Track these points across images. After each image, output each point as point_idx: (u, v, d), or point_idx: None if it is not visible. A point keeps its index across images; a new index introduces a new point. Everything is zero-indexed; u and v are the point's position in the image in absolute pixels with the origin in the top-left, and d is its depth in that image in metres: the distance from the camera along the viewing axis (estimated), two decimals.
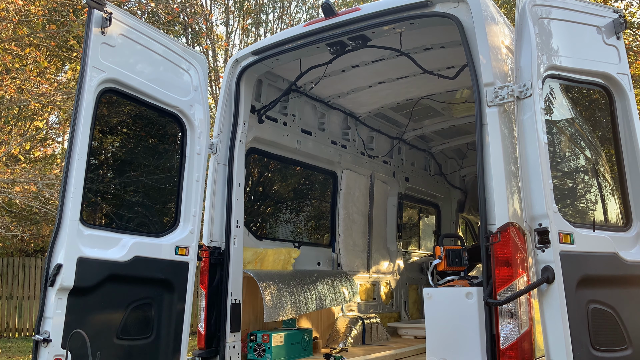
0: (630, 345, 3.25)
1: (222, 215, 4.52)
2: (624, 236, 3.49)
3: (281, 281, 4.97)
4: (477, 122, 3.34)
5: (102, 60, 3.72)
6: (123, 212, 4.80)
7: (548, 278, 2.93)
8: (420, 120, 7.00)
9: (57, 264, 3.40)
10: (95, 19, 3.67)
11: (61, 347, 3.37)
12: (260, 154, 5.42)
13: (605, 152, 3.96)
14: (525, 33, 3.23)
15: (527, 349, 3.08)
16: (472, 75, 3.39)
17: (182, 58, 4.35)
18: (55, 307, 3.37)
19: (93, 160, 4.54)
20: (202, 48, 14.97)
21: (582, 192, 3.95)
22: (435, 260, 4.25)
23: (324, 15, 4.17)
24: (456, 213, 8.57)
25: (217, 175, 4.55)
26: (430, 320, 3.65)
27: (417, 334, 6.04)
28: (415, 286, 7.27)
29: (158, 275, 4.00)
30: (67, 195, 3.50)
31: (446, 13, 3.65)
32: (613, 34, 3.60)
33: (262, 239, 5.46)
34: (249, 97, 4.79)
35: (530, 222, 3.07)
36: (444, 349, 3.50)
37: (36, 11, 10.85)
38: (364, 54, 4.95)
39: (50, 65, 12.69)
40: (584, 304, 3.09)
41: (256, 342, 4.59)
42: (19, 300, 13.40)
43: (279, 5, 16.58)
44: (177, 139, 4.49)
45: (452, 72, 4.85)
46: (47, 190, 10.31)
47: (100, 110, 3.91)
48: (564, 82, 3.52)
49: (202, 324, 4.30)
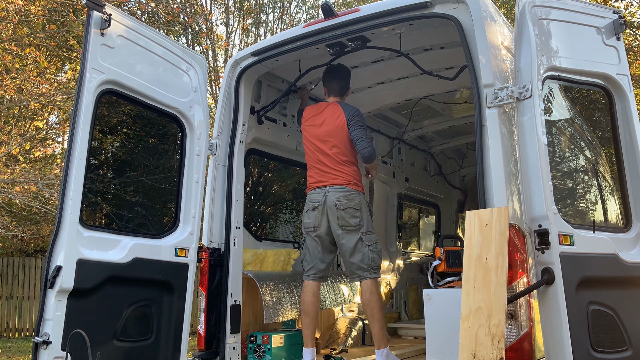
0: (630, 347, 3.25)
1: (221, 216, 4.51)
2: (624, 237, 3.49)
3: (281, 282, 4.97)
4: (476, 123, 3.34)
5: (102, 61, 3.72)
6: (122, 213, 4.80)
7: (548, 279, 2.93)
8: (420, 121, 6.99)
9: (56, 266, 3.41)
10: (95, 20, 3.67)
11: (61, 349, 3.38)
12: (260, 154, 5.42)
13: (605, 153, 3.96)
14: (525, 34, 3.23)
15: (527, 350, 3.08)
16: (472, 76, 3.39)
17: (181, 59, 4.35)
18: (55, 309, 3.38)
19: (93, 161, 4.54)
20: (202, 48, 14.97)
21: (582, 193, 3.95)
22: (435, 262, 4.25)
23: (323, 16, 4.17)
24: (456, 213, 8.57)
25: (217, 176, 4.55)
26: (430, 321, 3.65)
27: (417, 335, 6.03)
28: (415, 286, 7.27)
29: (158, 277, 4.00)
30: (67, 196, 3.50)
31: (446, 14, 3.65)
32: (613, 35, 3.60)
33: (262, 239, 5.46)
34: (249, 98, 4.79)
35: (530, 223, 3.07)
36: (444, 350, 3.50)
37: (36, 11, 10.84)
38: (364, 55, 4.95)
39: (50, 65, 12.68)
40: (584, 305, 3.09)
41: (256, 343, 4.59)
42: (19, 300, 13.41)
43: (279, 5, 16.57)
44: (177, 140, 4.49)
45: (451, 72, 4.85)
46: (47, 190, 10.31)
47: (100, 112, 3.91)
48: (564, 83, 3.52)
49: (201, 325, 4.30)
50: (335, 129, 4.50)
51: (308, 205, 4.53)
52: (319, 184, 4.50)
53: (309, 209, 4.50)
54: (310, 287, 4.50)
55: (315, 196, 4.47)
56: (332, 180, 4.43)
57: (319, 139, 4.56)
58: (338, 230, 4.38)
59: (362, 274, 4.34)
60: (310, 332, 4.41)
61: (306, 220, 4.54)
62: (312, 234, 4.51)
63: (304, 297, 4.50)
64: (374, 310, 4.27)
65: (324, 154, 4.50)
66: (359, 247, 4.34)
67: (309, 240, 4.55)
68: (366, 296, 4.31)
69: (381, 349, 4.25)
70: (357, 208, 4.37)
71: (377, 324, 4.26)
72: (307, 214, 4.52)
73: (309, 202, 4.53)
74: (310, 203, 4.50)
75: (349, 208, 4.35)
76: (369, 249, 4.35)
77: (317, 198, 4.45)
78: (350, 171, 4.46)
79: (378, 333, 4.27)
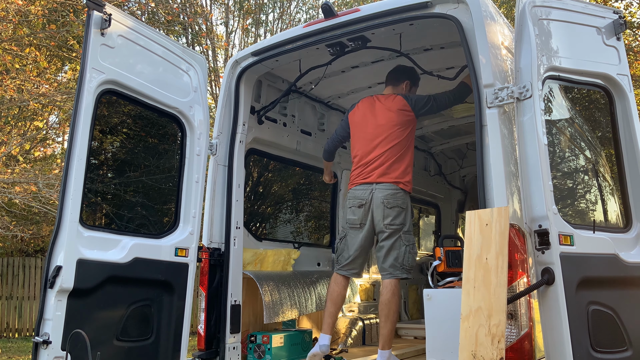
0: (630, 347, 3.26)
1: (221, 216, 4.51)
2: (624, 237, 3.49)
3: (281, 282, 4.97)
4: (477, 123, 3.34)
5: (102, 61, 3.71)
6: (122, 213, 4.80)
7: (548, 280, 2.93)
8: (420, 121, 6.98)
9: (56, 266, 3.41)
10: (95, 20, 3.67)
11: (61, 349, 3.38)
12: (260, 154, 5.42)
13: (605, 153, 3.96)
14: (525, 34, 3.23)
15: (527, 350, 3.08)
16: (472, 76, 3.39)
17: (181, 59, 4.35)
18: (55, 309, 3.37)
19: (93, 161, 4.54)
20: (202, 48, 14.96)
21: (582, 193, 3.95)
22: (435, 262, 4.24)
23: (323, 16, 4.17)
24: (456, 213, 8.56)
25: (217, 176, 4.55)
26: (430, 321, 3.65)
27: (417, 335, 6.03)
28: (415, 286, 7.27)
29: (158, 277, 4.00)
30: (67, 196, 3.50)
31: (446, 14, 3.65)
32: (613, 35, 3.60)
33: (262, 239, 5.46)
34: (249, 98, 4.79)
35: (530, 223, 3.07)
36: (444, 350, 3.50)
37: (36, 11, 10.84)
38: (364, 55, 4.95)
39: (50, 65, 12.68)
40: (584, 306, 3.09)
41: (256, 343, 4.59)
42: (19, 300, 13.40)
43: (279, 5, 16.57)
44: (177, 140, 4.49)
45: (452, 72, 4.84)
46: (47, 190, 10.31)
47: (100, 112, 3.91)
48: (564, 83, 3.52)
49: (201, 325, 4.30)
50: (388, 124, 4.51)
51: (353, 201, 4.52)
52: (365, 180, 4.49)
53: (355, 206, 4.50)
54: (341, 280, 4.55)
55: (362, 193, 4.47)
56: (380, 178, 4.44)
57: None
58: (382, 227, 4.38)
59: (394, 272, 4.36)
60: (332, 321, 4.44)
61: (351, 216, 4.53)
62: (358, 229, 4.50)
63: (334, 287, 4.53)
64: (391, 311, 4.27)
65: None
66: (396, 245, 4.36)
67: (352, 235, 4.53)
68: (387, 296, 4.31)
69: (385, 350, 4.26)
70: (404, 207, 4.41)
71: (390, 326, 4.26)
72: (352, 210, 4.52)
73: (354, 198, 4.52)
74: (357, 200, 4.49)
75: (396, 207, 4.38)
76: (406, 248, 4.37)
77: (363, 195, 4.45)
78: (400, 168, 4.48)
79: (388, 334, 4.27)
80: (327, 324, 4.44)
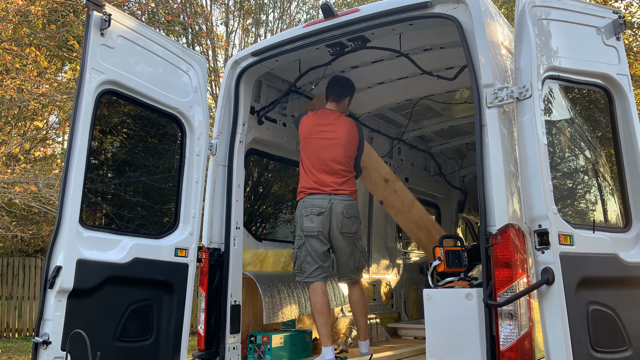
0: (630, 347, 3.25)
1: (221, 217, 4.51)
2: (624, 237, 3.49)
3: (281, 282, 4.97)
4: (476, 123, 3.34)
5: (101, 61, 3.72)
6: (122, 213, 4.80)
7: (548, 279, 2.93)
8: (420, 121, 6.99)
9: (56, 266, 3.41)
10: (94, 20, 3.67)
11: (61, 349, 3.38)
12: (259, 154, 5.42)
13: (605, 153, 3.96)
14: (525, 34, 3.23)
15: (527, 350, 3.07)
16: (472, 76, 3.39)
17: (181, 59, 4.35)
18: (55, 309, 3.38)
19: (93, 161, 4.54)
20: (202, 48, 14.96)
21: (581, 193, 3.95)
22: (435, 262, 4.24)
23: (323, 16, 4.17)
24: (456, 213, 8.56)
25: (217, 176, 4.55)
26: (430, 321, 3.65)
27: (417, 335, 6.03)
28: (415, 286, 7.27)
29: (158, 277, 4.00)
30: (67, 197, 3.50)
31: (445, 14, 3.65)
32: (613, 35, 3.60)
33: (262, 240, 5.46)
34: (249, 98, 4.79)
35: (530, 223, 3.07)
36: (444, 350, 3.50)
37: (36, 11, 10.85)
38: (364, 55, 4.95)
39: (50, 65, 12.68)
40: (584, 305, 3.09)
41: (256, 344, 4.59)
42: (19, 300, 13.41)
43: (279, 5, 16.57)
44: (177, 140, 4.49)
45: (451, 72, 4.85)
46: (47, 190, 10.31)
47: (100, 112, 3.91)
48: (564, 83, 3.52)
49: (201, 325, 4.29)
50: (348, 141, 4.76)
51: (311, 209, 4.60)
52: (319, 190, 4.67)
53: (313, 214, 4.59)
54: (319, 288, 4.57)
55: (320, 202, 4.62)
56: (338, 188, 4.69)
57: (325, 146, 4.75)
58: (338, 235, 4.64)
59: (355, 276, 4.84)
60: (327, 331, 4.47)
61: (308, 224, 4.58)
62: (315, 236, 4.60)
63: (315, 298, 4.54)
64: (365, 306, 4.87)
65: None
66: (353, 252, 4.76)
67: (312, 242, 4.59)
68: (358, 294, 4.82)
69: (366, 340, 4.78)
70: (357, 217, 4.77)
71: (365, 318, 4.83)
72: (309, 217, 4.59)
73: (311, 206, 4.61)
74: (315, 208, 4.61)
75: (353, 217, 4.70)
76: (360, 254, 4.83)
77: (322, 204, 4.61)
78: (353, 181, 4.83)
79: (364, 326, 4.81)
80: (324, 335, 4.44)
